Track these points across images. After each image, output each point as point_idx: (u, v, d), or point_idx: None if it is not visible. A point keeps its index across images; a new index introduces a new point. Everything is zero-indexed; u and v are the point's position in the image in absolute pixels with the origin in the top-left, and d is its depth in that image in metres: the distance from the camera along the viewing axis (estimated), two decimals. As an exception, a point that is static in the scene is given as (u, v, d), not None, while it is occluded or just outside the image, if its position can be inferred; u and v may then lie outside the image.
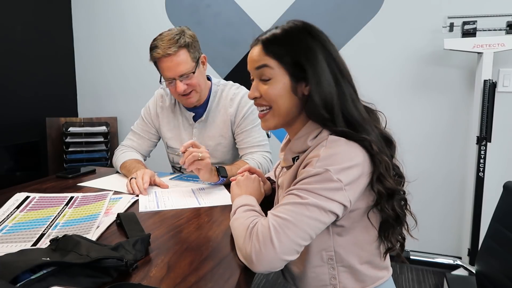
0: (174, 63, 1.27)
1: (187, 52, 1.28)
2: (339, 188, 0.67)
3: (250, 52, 0.80)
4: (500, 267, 0.98)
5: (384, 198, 0.71)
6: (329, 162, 0.67)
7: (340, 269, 0.76)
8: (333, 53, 0.76)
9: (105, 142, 2.60)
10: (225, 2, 2.47)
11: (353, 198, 0.69)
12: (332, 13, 2.27)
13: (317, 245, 0.76)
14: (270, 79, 0.76)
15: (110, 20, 2.77)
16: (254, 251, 0.67)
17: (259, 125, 1.45)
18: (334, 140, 0.70)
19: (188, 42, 1.29)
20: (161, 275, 0.66)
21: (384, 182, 0.71)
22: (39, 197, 1.09)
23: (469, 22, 1.91)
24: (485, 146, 1.92)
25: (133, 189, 1.17)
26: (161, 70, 1.31)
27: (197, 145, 1.16)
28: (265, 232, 0.67)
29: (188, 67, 1.29)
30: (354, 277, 0.77)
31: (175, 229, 0.89)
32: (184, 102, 1.40)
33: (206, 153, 1.15)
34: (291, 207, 0.68)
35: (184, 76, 1.30)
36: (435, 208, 2.19)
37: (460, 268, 2.04)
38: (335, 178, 0.66)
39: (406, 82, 2.19)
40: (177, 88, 1.30)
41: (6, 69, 2.33)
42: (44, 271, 0.58)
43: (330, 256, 0.76)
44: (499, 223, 1.02)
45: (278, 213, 0.68)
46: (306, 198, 0.67)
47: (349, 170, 0.68)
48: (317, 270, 0.78)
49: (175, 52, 1.26)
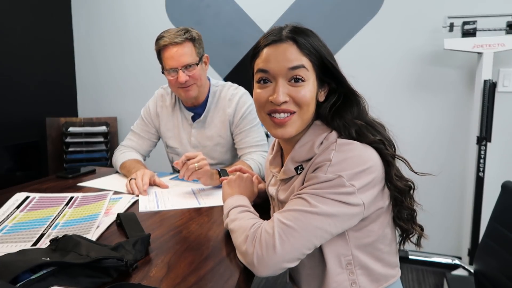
0: (179, 53, 1.29)
1: (192, 46, 1.32)
2: (351, 192, 0.65)
3: (278, 49, 0.71)
4: (498, 266, 0.98)
5: (403, 195, 0.73)
6: (341, 167, 0.66)
7: (358, 272, 0.74)
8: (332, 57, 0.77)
9: (105, 142, 2.60)
10: (225, 2, 2.47)
11: (367, 200, 0.67)
12: (332, 13, 2.27)
13: (334, 252, 0.73)
14: (304, 80, 0.72)
15: (110, 20, 2.77)
16: (257, 256, 0.67)
17: (257, 125, 1.45)
18: (345, 144, 0.68)
19: (195, 37, 1.32)
20: (161, 275, 0.66)
21: (400, 181, 0.72)
22: (39, 197, 1.09)
23: (469, 22, 1.91)
24: (485, 146, 1.92)
25: (132, 190, 1.18)
26: (165, 59, 1.32)
27: (190, 156, 1.15)
28: (269, 239, 0.66)
29: (192, 59, 1.31)
30: (370, 278, 0.75)
31: (175, 229, 0.89)
32: (183, 95, 1.37)
33: (203, 161, 1.14)
34: (299, 215, 0.66)
35: (187, 67, 1.31)
36: (435, 208, 2.19)
37: (460, 268, 2.04)
38: (348, 183, 0.65)
39: (406, 82, 2.19)
40: (179, 77, 1.30)
41: (6, 69, 2.33)
42: (44, 271, 0.58)
43: (348, 260, 0.74)
44: (498, 222, 1.02)
45: (285, 220, 0.67)
46: (315, 206, 0.65)
47: (363, 174, 0.66)
48: (339, 279, 0.73)
49: (181, 42, 1.29)
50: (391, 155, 0.71)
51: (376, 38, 2.21)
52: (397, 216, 0.77)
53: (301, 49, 0.71)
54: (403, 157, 0.73)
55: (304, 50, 0.71)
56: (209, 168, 1.17)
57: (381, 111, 0.82)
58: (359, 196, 0.66)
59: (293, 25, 0.74)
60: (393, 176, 0.71)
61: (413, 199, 0.76)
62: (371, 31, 2.21)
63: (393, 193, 0.73)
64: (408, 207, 0.75)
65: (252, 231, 0.70)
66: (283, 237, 0.65)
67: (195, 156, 1.15)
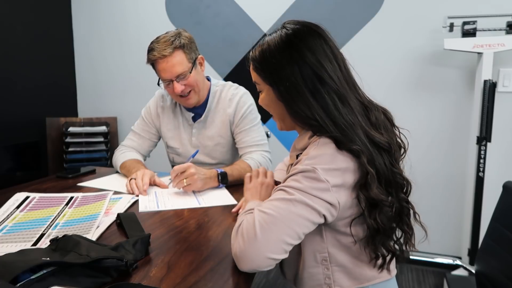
0: (170, 64, 1.28)
1: (182, 53, 1.30)
2: (326, 188, 0.66)
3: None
4: (499, 266, 0.98)
5: (367, 207, 0.69)
6: (316, 161, 0.68)
7: (335, 269, 0.76)
8: (310, 62, 0.73)
9: (105, 142, 2.60)
10: (225, 2, 2.47)
11: (342, 200, 0.68)
12: (332, 13, 2.26)
13: (310, 246, 0.76)
14: (261, 90, 0.82)
15: (110, 20, 2.77)
16: (239, 247, 0.67)
17: (258, 124, 1.45)
18: (325, 143, 0.70)
19: (184, 43, 1.30)
20: (161, 275, 0.66)
21: (369, 191, 0.68)
22: (39, 197, 1.09)
23: (469, 22, 1.91)
24: (485, 146, 1.92)
25: (132, 190, 1.18)
26: (158, 72, 1.32)
27: (179, 170, 1.15)
28: (250, 229, 0.67)
29: (184, 67, 1.30)
30: (348, 275, 0.76)
31: (175, 229, 0.89)
32: (184, 103, 1.40)
33: (192, 176, 1.14)
34: (278, 203, 0.68)
35: (180, 77, 1.30)
36: (435, 208, 2.19)
37: (460, 268, 2.04)
38: (323, 178, 0.66)
39: (406, 82, 2.19)
40: (174, 89, 1.30)
41: (6, 69, 2.33)
42: (44, 271, 0.58)
43: (324, 257, 0.76)
44: (499, 223, 1.02)
45: (264, 209, 0.68)
46: (292, 194, 0.67)
47: (336, 172, 0.67)
48: (312, 271, 0.77)
49: (170, 53, 1.27)
50: (366, 165, 0.68)
51: (376, 38, 2.21)
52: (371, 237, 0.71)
53: (253, 67, 0.81)
54: (372, 171, 0.68)
55: (254, 68, 0.80)
56: (199, 181, 1.16)
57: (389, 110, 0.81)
58: (334, 195, 0.67)
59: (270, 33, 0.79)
60: (362, 185, 0.69)
61: (384, 218, 0.70)
62: (371, 31, 2.21)
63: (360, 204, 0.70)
64: (369, 224, 0.70)
65: (237, 225, 0.72)
66: (263, 225, 0.66)
67: (184, 170, 1.14)
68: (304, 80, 0.72)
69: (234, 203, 1.09)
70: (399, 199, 0.73)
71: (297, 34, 0.75)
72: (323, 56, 0.74)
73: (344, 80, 0.75)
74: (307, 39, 0.75)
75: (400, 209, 0.74)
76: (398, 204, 0.73)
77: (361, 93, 0.79)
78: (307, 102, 0.72)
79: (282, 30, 0.77)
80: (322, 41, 0.75)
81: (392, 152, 0.74)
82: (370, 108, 0.77)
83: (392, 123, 0.80)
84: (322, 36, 0.76)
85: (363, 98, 0.78)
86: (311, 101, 0.72)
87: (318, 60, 0.73)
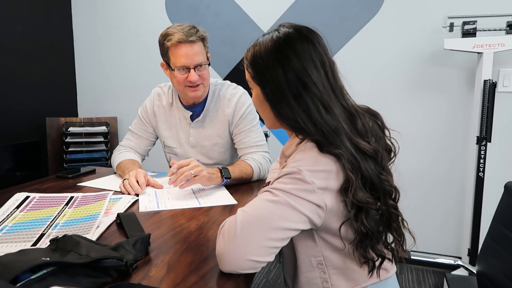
0: (193, 51, 1.27)
1: (203, 45, 1.31)
2: (312, 190, 0.66)
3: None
4: (501, 267, 0.98)
5: (354, 211, 0.69)
6: (301, 163, 0.69)
7: (331, 272, 0.75)
8: (295, 66, 0.73)
9: (105, 142, 2.60)
10: (225, 2, 2.47)
11: (328, 203, 0.67)
12: (332, 13, 2.27)
13: (304, 251, 0.76)
14: (252, 88, 0.84)
15: (110, 20, 2.77)
16: (219, 248, 0.67)
17: (257, 125, 1.45)
18: (310, 147, 0.72)
19: (204, 36, 1.32)
20: (161, 275, 0.66)
21: (354, 195, 0.67)
22: (39, 197, 1.09)
23: (469, 22, 1.91)
24: (485, 146, 1.92)
25: (127, 191, 1.17)
26: (177, 56, 1.28)
27: (183, 164, 1.14)
28: (231, 228, 0.67)
29: (203, 58, 1.31)
30: (346, 277, 0.76)
31: (175, 229, 0.89)
32: (190, 94, 1.35)
33: (198, 168, 1.13)
34: (261, 203, 0.68)
35: (198, 67, 1.30)
36: (435, 208, 2.19)
37: (460, 268, 2.04)
38: (309, 180, 0.66)
39: (406, 82, 2.19)
40: (190, 76, 1.29)
41: (6, 69, 2.33)
42: (44, 271, 0.58)
43: (319, 261, 0.75)
44: (500, 223, 1.02)
45: (247, 209, 0.68)
46: (277, 195, 0.67)
47: (320, 174, 0.67)
48: (309, 275, 0.77)
49: (196, 40, 1.27)
50: (350, 170, 0.68)
51: (376, 38, 2.21)
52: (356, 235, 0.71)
53: (246, 66, 0.83)
54: (352, 177, 0.67)
55: (246, 68, 0.83)
56: (206, 173, 1.16)
57: (381, 111, 0.82)
58: (320, 197, 0.66)
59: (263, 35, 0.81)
60: (346, 189, 0.68)
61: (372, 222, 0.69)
62: (371, 31, 2.21)
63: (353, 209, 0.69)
64: (356, 228, 0.69)
65: (222, 224, 0.72)
66: (244, 225, 0.65)
67: (188, 164, 1.14)
68: (288, 84, 0.73)
69: (235, 203, 1.09)
70: (388, 205, 0.73)
71: (287, 38, 0.76)
72: (309, 62, 0.74)
73: (330, 87, 0.75)
74: (295, 44, 0.75)
75: (389, 215, 0.73)
76: (386, 211, 0.72)
77: (348, 100, 0.78)
78: (290, 105, 0.73)
79: (275, 33, 0.78)
80: (310, 46, 0.75)
81: (379, 159, 0.73)
82: (356, 116, 0.76)
83: (383, 128, 0.80)
84: (312, 41, 0.76)
85: (350, 106, 0.77)
86: (293, 105, 0.73)
87: (303, 65, 0.73)
